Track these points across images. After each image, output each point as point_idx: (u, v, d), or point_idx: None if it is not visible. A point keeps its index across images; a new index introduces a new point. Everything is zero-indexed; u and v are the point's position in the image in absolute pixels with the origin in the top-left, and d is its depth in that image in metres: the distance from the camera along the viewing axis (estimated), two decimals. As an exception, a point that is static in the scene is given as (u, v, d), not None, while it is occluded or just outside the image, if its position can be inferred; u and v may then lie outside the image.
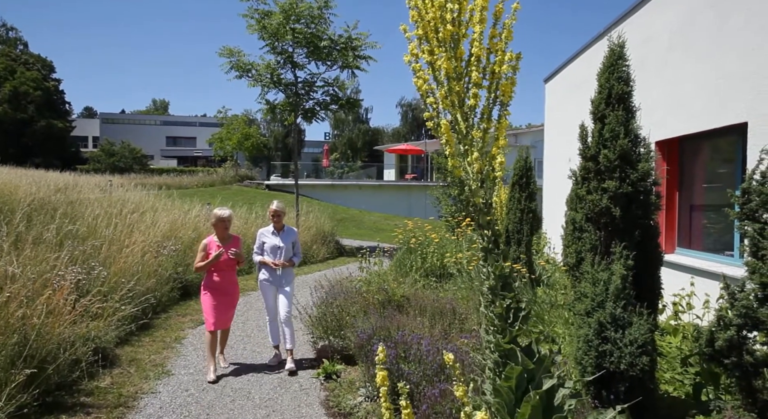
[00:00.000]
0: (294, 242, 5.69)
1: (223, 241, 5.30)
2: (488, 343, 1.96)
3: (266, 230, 5.66)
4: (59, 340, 4.35)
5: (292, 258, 5.65)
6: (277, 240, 5.56)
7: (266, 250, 5.54)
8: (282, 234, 5.59)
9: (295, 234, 5.75)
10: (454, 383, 1.92)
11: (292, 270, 5.71)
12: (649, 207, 3.62)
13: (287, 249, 5.56)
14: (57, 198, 10.58)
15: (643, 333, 3.36)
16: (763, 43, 5.19)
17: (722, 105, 5.85)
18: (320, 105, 15.16)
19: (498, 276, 1.92)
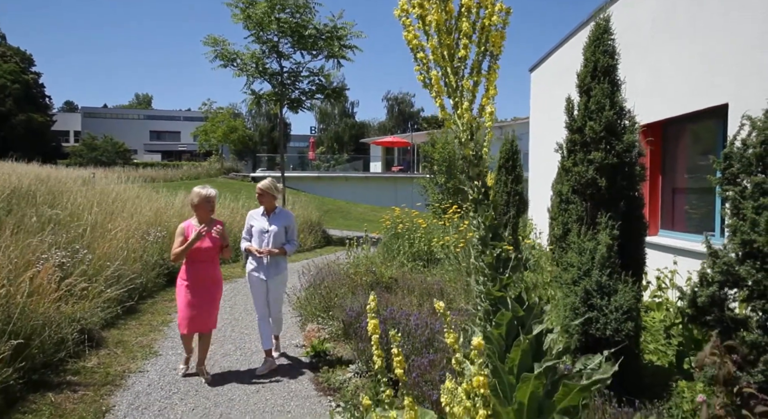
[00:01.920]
0: (287, 227, 4.79)
1: (206, 226, 4.56)
2: (479, 293, 1.98)
3: (255, 212, 4.87)
4: (44, 319, 4.29)
5: (283, 246, 4.75)
6: (265, 222, 4.73)
7: (253, 235, 4.79)
8: (272, 217, 4.76)
9: (289, 218, 4.86)
10: (444, 331, 1.94)
11: (283, 260, 4.83)
12: (633, 178, 3.68)
13: (276, 234, 4.68)
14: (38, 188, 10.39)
15: (628, 299, 3.43)
16: (741, 25, 5.30)
17: (703, 88, 5.96)
18: (306, 95, 15.08)
19: (488, 226, 1.94)
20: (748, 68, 5.16)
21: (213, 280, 4.55)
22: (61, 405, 3.89)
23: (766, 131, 2.74)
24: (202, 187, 4.56)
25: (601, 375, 1.82)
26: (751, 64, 5.12)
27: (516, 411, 1.85)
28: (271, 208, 4.80)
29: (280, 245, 4.74)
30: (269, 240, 4.69)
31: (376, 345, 1.92)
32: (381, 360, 1.95)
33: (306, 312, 6.27)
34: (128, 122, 52.42)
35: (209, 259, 4.52)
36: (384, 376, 2.01)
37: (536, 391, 1.81)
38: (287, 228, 4.80)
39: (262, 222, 4.76)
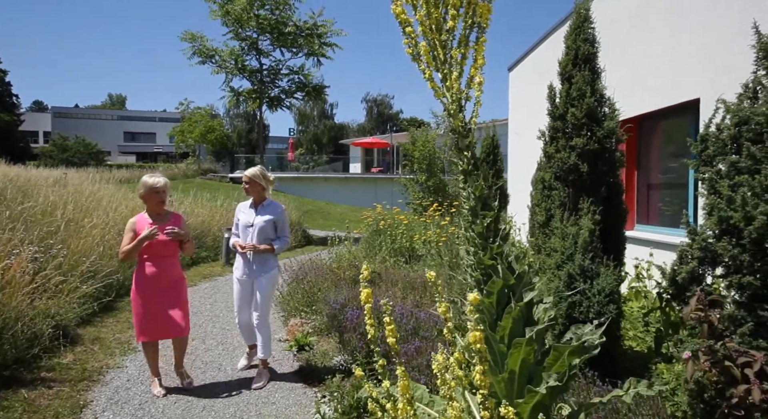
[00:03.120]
0: (276, 221, 4.28)
1: (158, 219, 3.95)
2: (469, 264, 1.99)
3: (243, 204, 4.43)
4: (16, 313, 4.15)
5: (271, 242, 4.25)
6: (251, 215, 4.28)
7: (240, 229, 4.34)
8: (260, 209, 4.28)
9: (278, 211, 4.33)
10: (436, 300, 1.94)
11: (272, 258, 4.32)
12: (614, 164, 3.76)
13: (262, 228, 4.20)
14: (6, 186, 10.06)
15: (610, 283, 3.49)
16: (713, 21, 5.46)
17: (676, 83, 6.12)
18: (286, 93, 15.01)
19: (478, 196, 1.95)
20: (720, 64, 5.32)
21: (174, 279, 4.00)
22: (35, 401, 3.76)
23: (739, 113, 2.83)
24: (151, 175, 3.98)
25: (591, 337, 1.84)
26: (722, 60, 5.29)
27: (507, 379, 1.86)
28: (260, 199, 4.32)
29: (268, 241, 4.25)
30: (254, 234, 4.22)
31: (369, 314, 1.91)
32: (373, 328, 1.94)
33: (289, 308, 6.20)
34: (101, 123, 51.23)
35: (167, 255, 3.95)
36: (376, 346, 2.00)
37: (527, 358, 1.83)
38: (276, 222, 4.28)
39: (248, 215, 4.31)
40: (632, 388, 1.82)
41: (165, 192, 3.95)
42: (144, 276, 3.89)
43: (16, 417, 3.50)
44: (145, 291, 3.88)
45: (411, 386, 2.14)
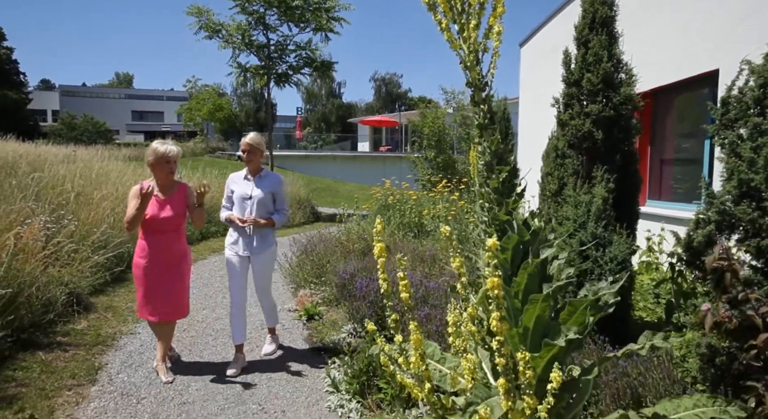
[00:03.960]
0: (275, 193, 3.99)
1: (165, 191, 3.69)
2: (484, 220, 1.97)
3: (236, 175, 4.04)
4: (30, 279, 4.20)
5: (272, 216, 3.98)
6: (248, 187, 3.93)
7: (234, 203, 3.98)
8: (257, 181, 3.96)
9: (277, 182, 4.04)
10: (450, 256, 1.93)
11: (271, 234, 4.04)
12: (629, 131, 3.69)
13: (262, 200, 3.89)
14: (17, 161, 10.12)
15: (623, 250, 3.46)
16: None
17: (694, 55, 5.97)
18: (293, 69, 14.83)
19: (494, 151, 1.91)
20: (742, 34, 5.17)
21: (178, 255, 3.73)
22: (52, 363, 3.83)
23: (765, 75, 2.74)
24: (162, 142, 3.72)
25: (608, 291, 1.82)
26: (744, 29, 5.13)
27: (521, 335, 1.85)
28: (256, 169, 3.99)
29: (267, 214, 3.95)
30: (253, 208, 3.90)
31: (382, 268, 1.90)
32: (387, 283, 1.94)
33: (299, 279, 6.24)
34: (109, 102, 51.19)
35: (172, 229, 3.69)
36: (390, 300, 1.99)
37: (542, 314, 1.81)
38: (275, 194, 4.00)
39: (244, 187, 3.94)
40: (647, 341, 1.80)
41: (176, 162, 3.68)
42: (145, 252, 3.64)
43: (35, 377, 3.58)
44: (147, 267, 3.63)
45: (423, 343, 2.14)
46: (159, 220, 3.64)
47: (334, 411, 3.25)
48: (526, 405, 1.40)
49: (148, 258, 3.64)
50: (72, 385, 3.53)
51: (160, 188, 3.68)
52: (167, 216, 3.65)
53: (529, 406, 1.39)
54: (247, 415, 3.19)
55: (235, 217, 3.88)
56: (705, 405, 2.11)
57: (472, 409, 1.53)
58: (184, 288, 3.81)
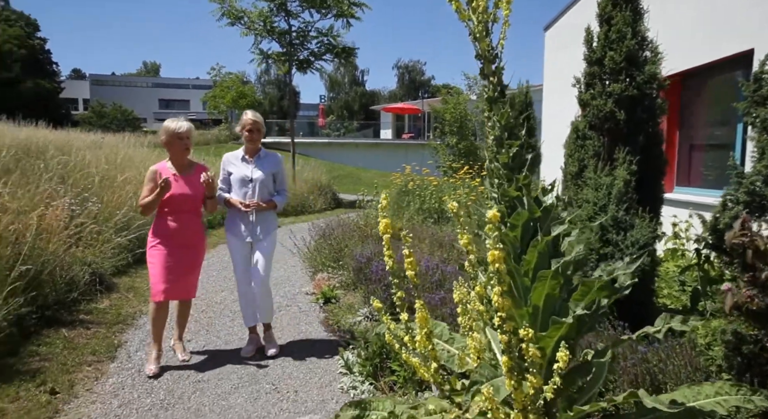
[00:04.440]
0: (275, 173, 3.82)
1: (181, 170, 3.58)
2: (493, 196, 1.91)
3: (233, 155, 3.84)
4: (54, 258, 4.31)
5: (272, 198, 3.81)
6: (247, 168, 3.74)
7: (233, 185, 3.80)
8: (256, 161, 3.77)
9: (277, 162, 3.87)
10: (458, 233, 1.88)
11: (273, 217, 3.89)
12: (654, 111, 3.54)
13: (263, 182, 3.73)
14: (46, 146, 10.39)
15: (645, 234, 3.34)
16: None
17: (726, 35, 5.69)
18: (315, 55, 14.80)
19: (504, 125, 1.84)
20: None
21: (195, 237, 3.64)
22: (74, 340, 3.94)
23: (800, 48, 2.58)
24: (173, 119, 3.58)
25: (623, 271, 1.74)
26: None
27: (531, 314, 1.79)
28: (255, 149, 3.79)
29: (268, 197, 3.78)
30: (255, 190, 3.71)
31: (387, 245, 1.86)
32: (392, 260, 1.90)
33: (316, 263, 6.26)
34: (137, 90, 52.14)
35: (189, 210, 3.58)
36: (396, 278, 1.96)
37: (552, 293, 1.75)
38: (275, 174, 3.82)
39: (243, 169, 3.75)
40: (664, 324, 1.72)
41: (189, 138, 3.55)
42: (162, 232, 3.52)
43: (57, 352, 3.69)
44: (162, 247, 3.51)
45: (432, 323, 2.10)
46: (176, 199, 3.50)
47: (347, 393, 3.25)
48: (530, 384, 1.35)
49: (164, 238, 3.52)
50: (92, 361, 3.62)
51: (176, 167, 3.57)
52: (184, 195, 3.52)
53: (533, 386, 1.34)
54: (260, 394, 3.22)
55: (236, 201, 3.70)
56: (728, 393, 2.02)
57: (476, 389, 1.48)
58: (197, 269, 3.76)
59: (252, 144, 3.76)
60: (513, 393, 1.39)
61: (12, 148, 8.48)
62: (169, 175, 3.46)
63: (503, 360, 1.35)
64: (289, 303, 5.14)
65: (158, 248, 3.53)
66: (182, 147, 3.54)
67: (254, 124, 3.73)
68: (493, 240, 1.32)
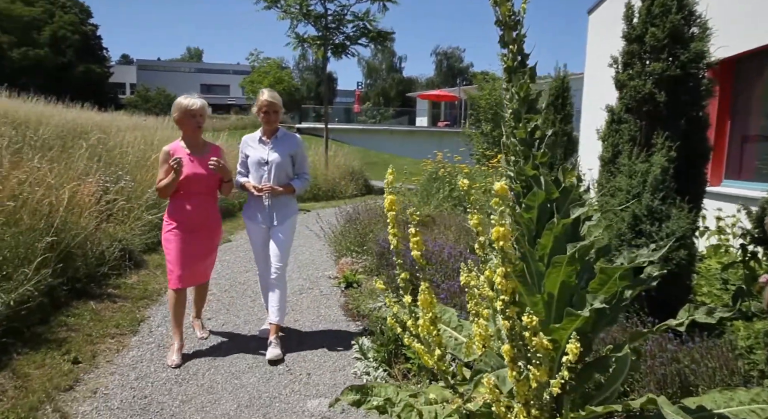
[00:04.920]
0: (294, 155, 3.60)
1: (195, 150, 3.41)
2: (509, 175, 1.78)
3: (250, 137, 3.66)
4: (86, 233, 4.42)
5: (290, 182, 3.59)
6: (264, 150, 3.54)
7: (250, 168, 3.60)
8: (274, 142, 3.56)
9: (296, 143, 3.64)
10: (468, 212, 1.77)
11: (292, 202, 3.67)
12: (698, 93, 3.28)
13: (280, 164, 3.52)
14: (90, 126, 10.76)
15: (682, 226, 3.11)
16: None
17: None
18: (350, 39, 14.69)
19: (523, 97, 1.71)
20: None
21: (212, 218, 3.50)
22: (100, 312, 4.05)
23: None
24: (186, 96, 3.40)
25: (648, 258, 1.59)
26: None
27: (545, 302, 1.67)
28: (273, 130, 3.58)
29: (286, 180, 3.58)
30: (271, 173, 3.52)
31: (392, 222, 1.77)
32: (396, 238, 1.81)
33: (341, 247, 6.23)
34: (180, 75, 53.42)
35: (205, 192, 3.43)
36: (400, 258, 1.87)
37: (568, 280, 1.62)
38: (294, 156, 3.60)
39: (259, 151, 3.56)
40: (688, 316, 1.57)
41: (202, 116, 3.38)
42: (176, 215, 3.37)
43: (84, 323, 3.80)
44: (178, 231, 3.36)
45: (440, 308, 2.00)
46: (190, 181, 3.33)
47: (360, 378, 3.20)
48: (533, 377, 1.23)
49: (179, 222, 3.36)
50: (115, 334, 3.71)
51: (189, 146, 3.41)
52: (198, 175, 3.34)
53: (536, 378, 1.23)
54: (273, 375, 3.21)
55: (250, 185, 3.53)
56: (765, 402, 1.84)
57: (478, 378, 1.38)
58: (214, 252, 3.64)
59: (269, 125, 3.54)
60: (515, 385, 1.27)
61: (58, 127, 8.85)
62: (182, 155, 3.33)
63: (504, 349, 1.24)
64: (311, 286, 5.13)
65: (173, 232, 3.38)
66: (194, 125, 3.36)
67: (270, 105, 3.50)
68: (499, 216, 1.20)
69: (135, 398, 2.87)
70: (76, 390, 2.91)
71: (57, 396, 2.82)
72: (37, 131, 6.87)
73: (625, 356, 1.75)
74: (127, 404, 2.79)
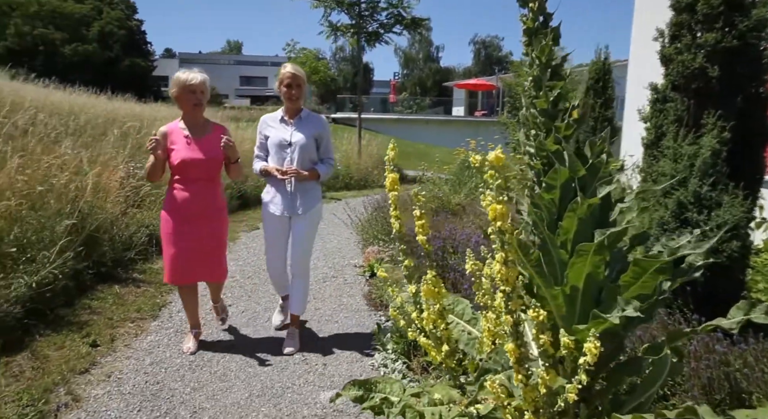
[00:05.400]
0: (319, 137, 3.27)
1: (195, 131, 3.07)
2: (529, 151, 1.58)
3: (271, 117, 3.34)
4: (112, 217, 4.46)
5: (315, 167, 3.27)
6: (286, 131, 3.22)
7: (270, 151, 3.28)
8: (297, 122, 3.24)
9: (321, 124, 3.33)
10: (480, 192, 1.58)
11: (316, 188, 3.34)
12: (759, 67, 2.94)
13: (304, 147, 3.19)
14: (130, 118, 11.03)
15: (735, 215, 2.80)
16: None
17: None
18: (384, 27, 14.47)
19: (545, 63, 1.49)
20: None
21: (213, 208, 3.12)
22: (124, 296, 4.06)
23: None
24: (185, 70, 3.09)
25: (692, 250, 1.37)
26: None
27: (567, 296, 1.46)
28: (296, 110, 3.26)
29: (310, 165, 3.26)
30: (293, 156, 3.19)
31: (394, 204, 1.61)
32: (399, 222, 1.65)
33: (368, 235, 6.11)
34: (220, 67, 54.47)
35: (205, 177, 3.06)
36: (403, 243, 1.71)
37: (595, 272, 1.41)
38: (319, 138, 3.28)
39: (281, 132, 3.23)
40: (741, 315, 1.34)
41: (203, 93, 3.04)
42: (173, 204, 3.04)
43: (107, 307, 3.82)
44: (175, 222, 3.04)
45: (452, 300, 1.83)
46: (188, 165, 2.99)
47: (377, 370, 3.07)
48: (541, 381, 1.05)
49: (175, 211, 3.04)
50: (136, 318, 3.70)
51: (189, 127, 3.06)
52: (197, 160, 2.99)
53: (544, 383, 1.04)
54: (288, 365, 3.11)
55: (272, 168, 3.20)
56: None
57: (482, 380, 1.21)
58: (220, 247, 3.25)
59: (292, 103, 3.21)
60: (522, 390, 1.09)
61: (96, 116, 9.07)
62: (179, 136, 3.03)
63: (508, 348, 1.06)
64: (335, 275, 5.02)
65: (168, 223, 3.06)
66: (193, 101, 3.01)
67: (293, 78, 3.17)
68: (496, 191, 1.01)
69: (147, 383, 2.83)
70: (91, 373, 2.90)
71: (72, 379, 2.81)
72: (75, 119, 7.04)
73: (664, 358, 1.53)
74: (139, 389, 2.76)
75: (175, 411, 2.57)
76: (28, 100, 7.55)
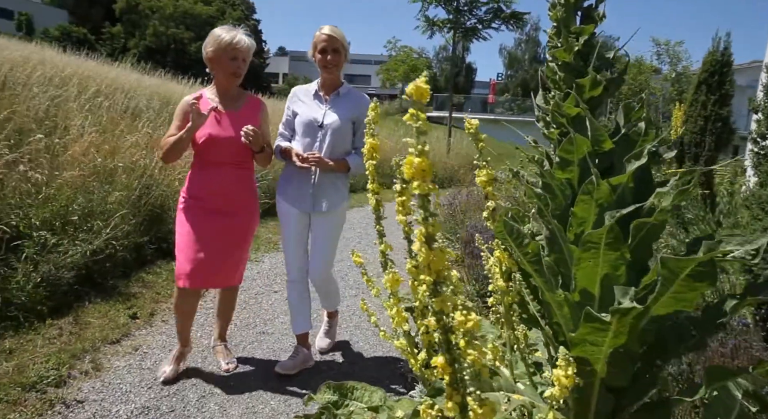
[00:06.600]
0: (356, 120, 2.62)
1: (228, 102, 2.52)
2: (544, 117, 1.22)
3: (303, 89, 2.73)
4: (174, 194, 4.61)
5: (345, 157, 2.62)
6: (319, 109, 2.62)
7: (297, 129, 2.65)
8: (334, 100, 2.64)
9: (361, 104, 2.64)
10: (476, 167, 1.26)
11: (343, 182, 2.70)
12: None
13: (339, 130, 2.58)
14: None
15: None
16: None
17: None
18: (482, 22, 13.98)
19: (572, 2, 1.14)
20: None
21: (242, 199, 2.55)
22: (178, 273, 4.17)
23: None
24: (224, 27, 2.47)
25: (745, 247, 0.95)
26: None
27: (572, 304, 1.10)
28: (335, 83, 2.66)
29: (342, 154, 2.62)
30: (325, 141, 2.58)
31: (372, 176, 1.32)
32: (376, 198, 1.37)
33: (432, 234, 5.81)
34: (326, 66, 56.71)
35: (236, 161, 2.49)
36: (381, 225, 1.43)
37: (613, 273, 1.04)
38: (356, 122, 2.63)
39: (313, 109, 2.62)
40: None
41: (245, 61, 2.45)
42: (195, 191, 2.49)
43: (159, 282, 3.93)
44: (194, 211, 2.48)
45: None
46: (216, 144, 2.43)
47: (403, 375, 2.78)
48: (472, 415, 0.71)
49: (197, 200, 2.48)
50: (180, 295, 3.76)
51: (220, 97, 2.50)
52: (227, 139, 2.43)
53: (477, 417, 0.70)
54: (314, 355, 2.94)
55: (293, 152, 2.53)
56: None
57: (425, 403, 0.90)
58: (244, 248, 2.64)
59: (328, 72, 2.57)
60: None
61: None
62: (207, 105, 2.42)
63: (438, 363, 0.74)
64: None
65: (187, 212, 2.50)
66: (232, 68, 2.43)
67: (329, 41, 2.54)
68: (416, 139, 0.70)
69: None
70: (120, 344, 2.94)
71: (102, 348, 2.86)
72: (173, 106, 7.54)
73: (725, 398, 1.10)
74: (158, 366, 2.73)
75: (183, 393, 2.51)
76: (144, 87, 8.27)
